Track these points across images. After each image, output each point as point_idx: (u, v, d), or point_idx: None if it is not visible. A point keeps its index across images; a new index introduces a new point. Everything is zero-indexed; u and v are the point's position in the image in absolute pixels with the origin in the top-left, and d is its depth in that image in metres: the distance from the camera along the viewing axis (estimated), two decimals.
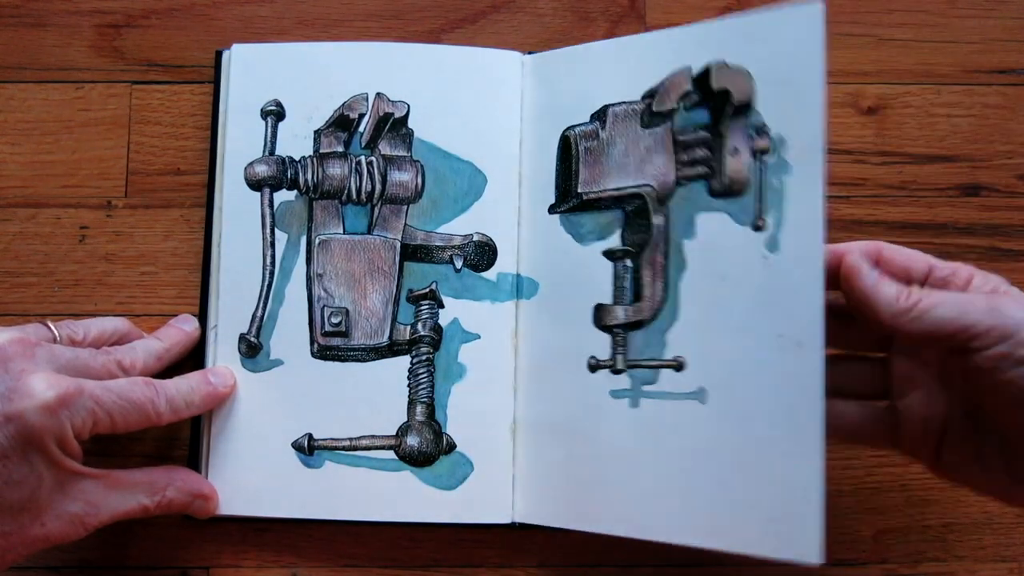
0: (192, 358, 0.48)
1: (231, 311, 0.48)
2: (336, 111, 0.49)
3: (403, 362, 0.49)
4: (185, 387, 0.45)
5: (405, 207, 0.49)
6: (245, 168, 0.48)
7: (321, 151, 0.49)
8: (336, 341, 0.48)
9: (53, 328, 0.44)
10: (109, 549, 0.48)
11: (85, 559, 0.48)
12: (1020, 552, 0.50)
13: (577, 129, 0.48)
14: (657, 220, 0.46)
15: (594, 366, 0.47)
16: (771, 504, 0.41)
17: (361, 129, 0.49)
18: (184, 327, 0.48)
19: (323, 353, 0.48)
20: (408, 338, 0.48)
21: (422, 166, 0.49)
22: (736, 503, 0.42)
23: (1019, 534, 0.50)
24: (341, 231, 0.49)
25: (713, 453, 0.43)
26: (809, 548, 0.40)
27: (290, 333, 0.48)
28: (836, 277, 0.42)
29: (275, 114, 0.49)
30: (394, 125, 0.49)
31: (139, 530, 0.48)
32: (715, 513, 0.43)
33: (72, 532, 0.40)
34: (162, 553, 0.48)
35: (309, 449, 0.47)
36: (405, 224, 0.49)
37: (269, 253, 0.48)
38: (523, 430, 0.48)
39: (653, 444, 0.45)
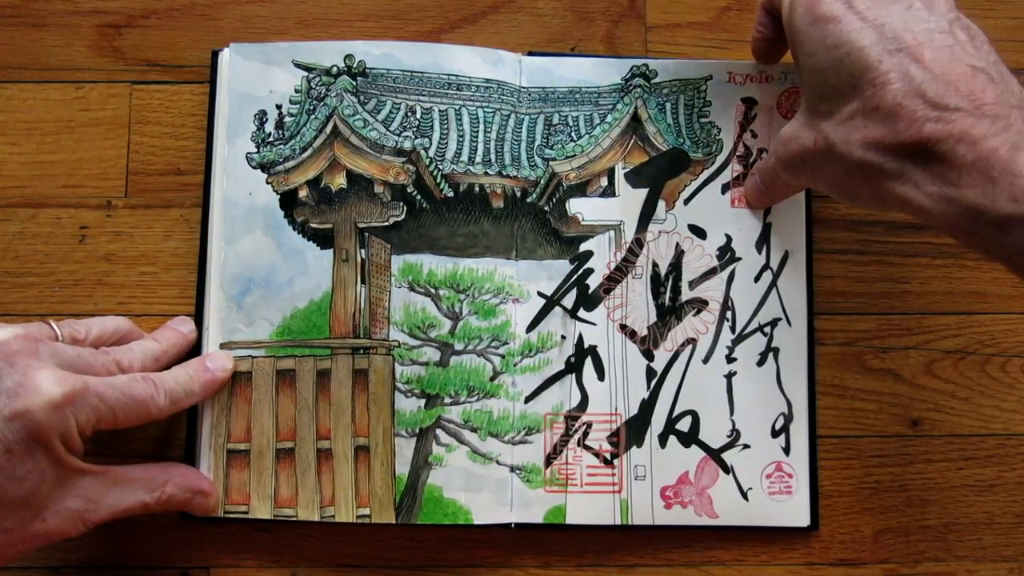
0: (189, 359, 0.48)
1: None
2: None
3: None
4: (183, 377, 0.45)
5: None
6: None
7: None
8: None
9: (55, 327, 0.43)
10: (109, 549, 0.48)
11: (85, 559, 0.48)
12: (1020, 552, 0.50)
13: None
14: None
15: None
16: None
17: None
18: (181, 329, 0.48)
19: None
20: None
21: None
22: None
23: (1019, 534, 0.50)
24: None
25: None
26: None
27: None
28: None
29: None
30: None
31: (139, 530, 0.48)
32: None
33: (72, 528, 0.40)
34: (162, 553, 0.48)
35: None
36: None
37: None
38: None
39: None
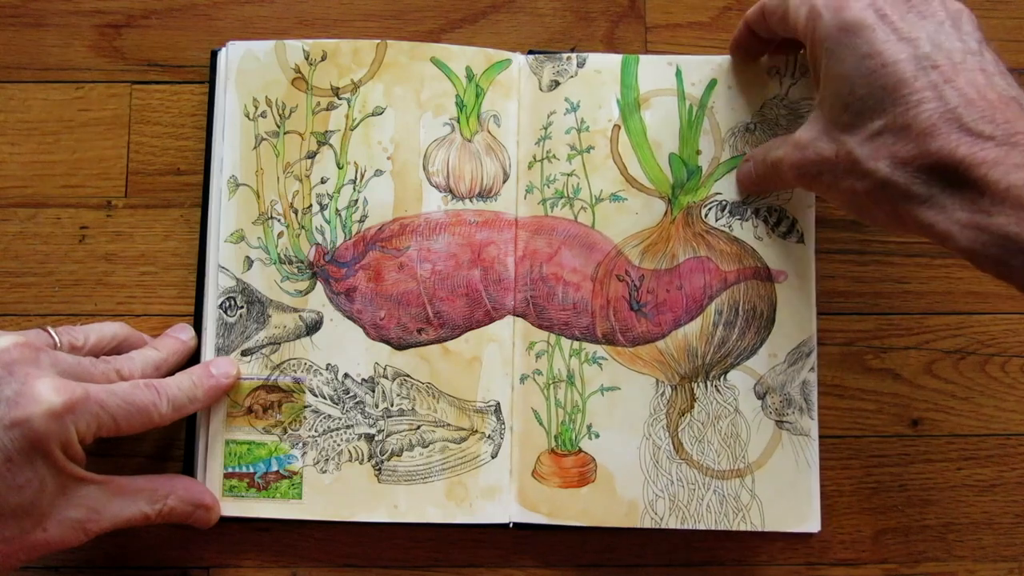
0: (190, 366, 0.48)
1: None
2: None
3: None
4: (187, 384, 0.45)
5: None
6: None
7: None
8: None
9: (54, 334, 0.43)
10: (109, 549, 0.48)
11: (85, 559, 0.48)
12: (1020, 552, 0.50)
13: None
14: None
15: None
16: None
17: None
18: (181, 336, 0.48)
19: None
20: None
21: None
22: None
23: (1019, 534, 0.50)
24: None
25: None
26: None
27: None
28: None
29: None
30: None
31: (139, 530, 0.48)
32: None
33: (73, 538, 0.40)
34: (162, 553, 0.48)
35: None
36: None
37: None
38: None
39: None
